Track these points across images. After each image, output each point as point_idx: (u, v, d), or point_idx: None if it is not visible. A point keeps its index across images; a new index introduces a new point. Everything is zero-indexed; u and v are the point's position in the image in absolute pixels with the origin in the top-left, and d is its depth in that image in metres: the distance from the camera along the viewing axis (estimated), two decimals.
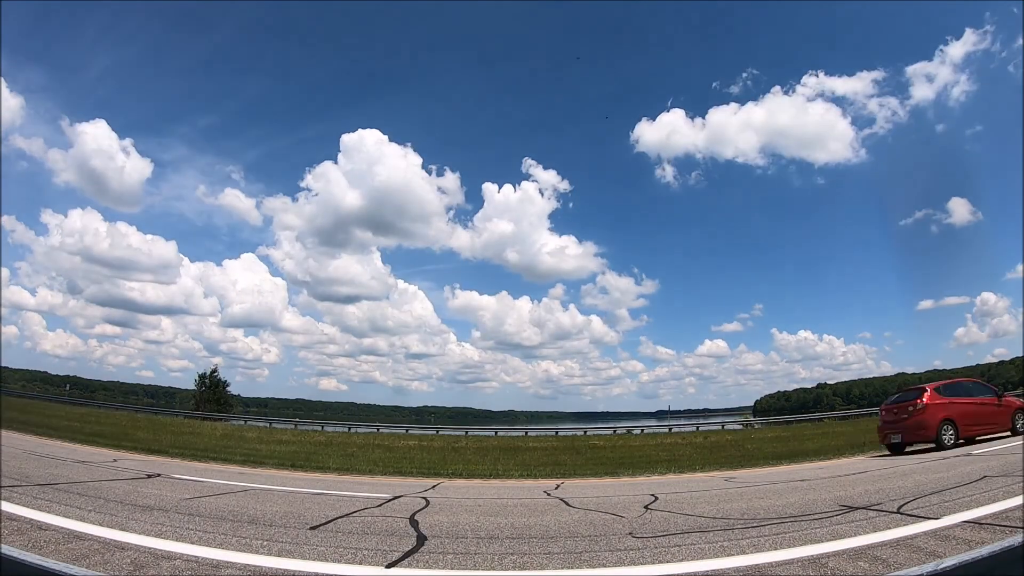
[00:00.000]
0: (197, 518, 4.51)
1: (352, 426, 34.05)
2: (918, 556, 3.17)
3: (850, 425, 22.86)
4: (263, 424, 32.50)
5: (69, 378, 78.53)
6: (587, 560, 3.43)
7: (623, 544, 3.79)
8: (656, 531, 4.23)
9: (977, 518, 4.01)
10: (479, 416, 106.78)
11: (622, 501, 6.06)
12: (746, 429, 28.86)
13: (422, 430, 32.43)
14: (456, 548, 3.75)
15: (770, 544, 3.59)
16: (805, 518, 4.50)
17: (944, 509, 4.46)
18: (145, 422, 21.42)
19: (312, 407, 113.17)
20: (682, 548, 3.62)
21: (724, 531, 4.14)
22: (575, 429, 34.13)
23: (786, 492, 6.31)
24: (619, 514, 5.12)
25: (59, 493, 5.26)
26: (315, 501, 5.85)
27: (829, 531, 3.94)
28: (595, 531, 4.31)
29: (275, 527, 4.27)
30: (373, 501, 5.87)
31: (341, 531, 4.25)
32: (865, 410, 33.06)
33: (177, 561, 3.13)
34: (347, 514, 5.02)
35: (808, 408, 76.36)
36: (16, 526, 3.72)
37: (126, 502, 5.09)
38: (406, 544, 3.80)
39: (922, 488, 5.74)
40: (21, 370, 79.83)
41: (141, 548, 3.36)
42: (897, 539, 3.55)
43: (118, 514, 4.44)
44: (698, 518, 4.80)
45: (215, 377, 42.72)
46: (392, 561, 3.36)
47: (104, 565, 3.00)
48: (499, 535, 4.22)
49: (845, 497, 5.52)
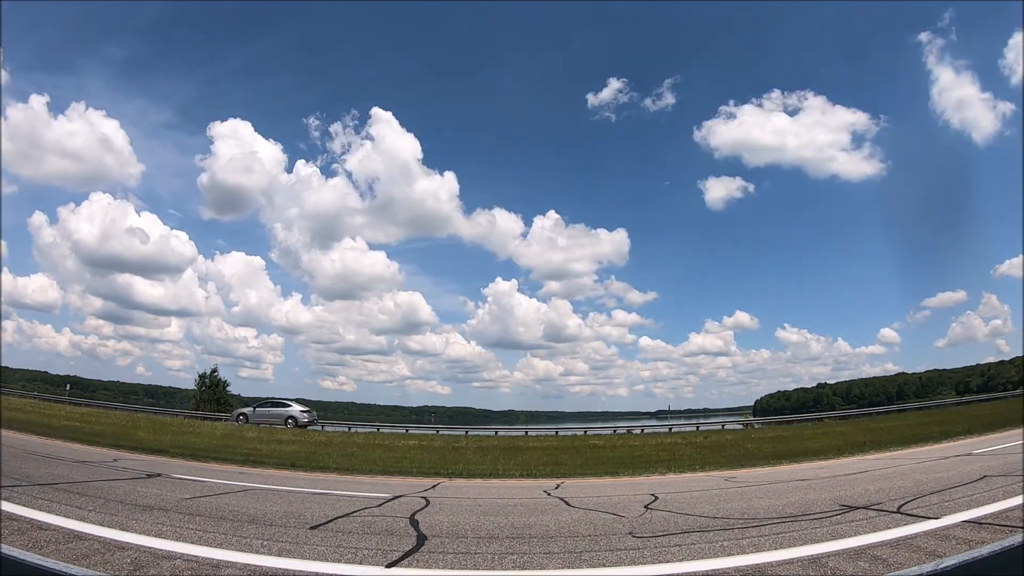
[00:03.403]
0: (197, 518, 4.51)
1: (352, 426, 34.04)
2: (918, 556, 3.17)
3: (850, 425, 22.85)
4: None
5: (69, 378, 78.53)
6: (587, 560, 3.43)
7: (623, 544, 3.80)
8: (656, 531, 4.23)
9: (977, 518, 4.02)
10: (479, 416, 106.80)
11: (622, 501, 6.06)
12: (746, 429, 28.85)
13: (422, 430, 32.44)
14: (456, 548, 3.76)
15: (770, 544, 3.60)
16: (805, 518, 4.51)
17: (944, 509, 4.46)
18: (145, 422, 21.41)
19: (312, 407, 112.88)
20: (682, 548, 3.63)
21: (724, 531, 4.15)
22: (575, 429, 34.12)
23: (786, 492, 6.32)
24: (619, 514, 5.12)
25: (59, 493, 5.26)
26: (315, 501, 5.85)
27: (829, 531, 3.94)
28: (595, 531, 4.31)
29: (275, 527, 4.27)
30: (373, 501, 5.87)
31: (341, 531, 4.25)
32: (865, 410, 33.14)
33: (177, 561, 3.13)
34: (347, 514, 5.02)
35: (808, 408, 76.41)
36: (16, 526, 3.72)
37: (126, 502, 5.09)
38: (406, 544, 3.81)
39: (922, 488, 5.74)
40: (21, 370, 79.73)
41: (141, 548, 3.36)
42: (897, 539, 3.55)
43: (118, 514, 4.44)
44: (698, 518, 4.80)
45: (215, 377, 42.75)
46: (392, 561, 3.36)
47: (104, 565, 3.00)
48: (499, 535, 4.22)
49: (845, 497, 5.52)
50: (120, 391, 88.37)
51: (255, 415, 27.67)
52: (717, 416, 63.64)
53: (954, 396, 50.45)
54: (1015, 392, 32.21)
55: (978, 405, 26.19)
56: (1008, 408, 19.78)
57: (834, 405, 77.41)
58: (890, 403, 58.71)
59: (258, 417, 27.26)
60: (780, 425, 30.13)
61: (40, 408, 23.94)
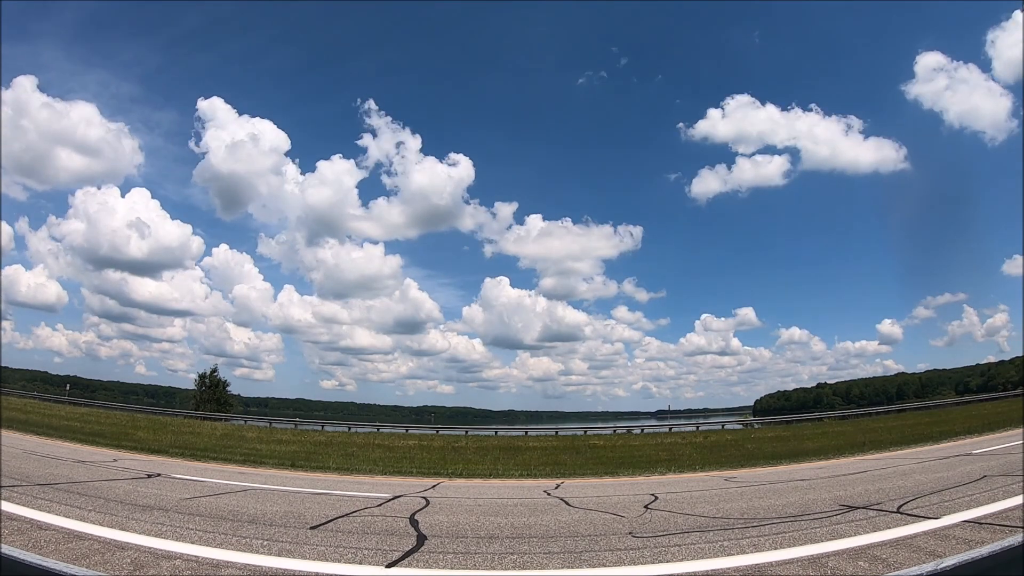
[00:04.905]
0: (197, 518, 4.51)
1: (352, 426, 34.04)
2: (918, 556, 3.17)
3: (850, 425, 22.86)
4: (263, 424, 32.52)
5: (69, 378, 78.51)
6: (587, 560, 3.44)
7: (623, 544, 3.80)
8: (656, 531, 4.23)
9: (977, 518, 4.02)
10: (479, 416, 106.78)
11: (622, 501, 6.06)
12: (746, 429, 28.86)
13: (422, 430, 32.45)
14: (456, 548, 3.76)
15: (770, 544, 3.60)
16: (805, 518, 4.51)
17: (944, 509, 4.46)
18: (145, 422, 21.41)
19: (312, 407, 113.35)
20: (682, 548, 3.63)
21: (724, 531, 4.15)
22: (575, 429, 34.11)
23: (786, 492, 6.32)
24: (619, 514, 5.12)
25: (59, 493, 5.26)
26: (315, 501, 5.85)
27: (829, 531, 3.94)
28: (595, 531, 4.32)
29: (275, 527, 4.27)
30: (373, 501, 5.87)
31: (341, 531, 4.25)
32: (865, 410, 33.12)
33: (177, 561, 3.13)
34: (347, 514, 5.02)
35: (808, 408, 76.34)
36: (16, 526, 3.72)
37: (126, 502, 5.09)
38: (406, 544, 3.81)
39: (922, 488, 5.74)
40: (21, 370, 79.73)
41: (141, 548, 3.36)
42: (897, 539, 3.55)
43: (118, 514, 4.44)
44: (698, 518, 4.80)
45: (215, 377, 42.78)
46: (392, 561, 3.36)
47: (104, 565, 3.00)
48: (499, 535, 4.22)
49: (845, 497, 5.52)
50: (120, 391, 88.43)
51: None
52: (717, 416, 63.71)
53: (954, 396, 50.43)
54: (1015, 392, 32.17)
55: (978, 405, 26.17)
56: (1008, 408, 19.77)
57: (834, 405, 77.33)
58: (890, 403, 58.63)
59: None
60: (780, 425, 30.11)
61: (40, 408, 23.95)
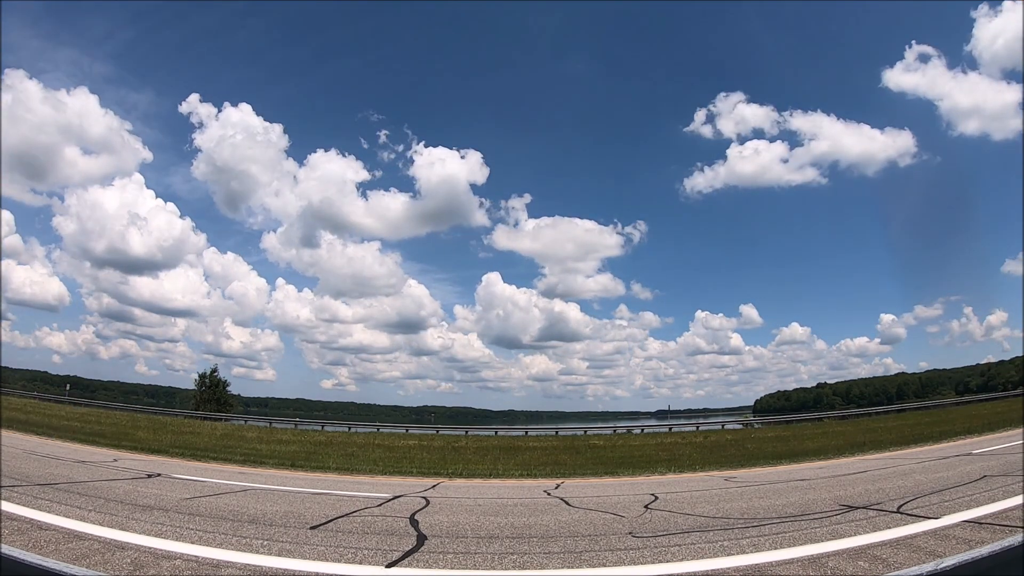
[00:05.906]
0: (197, 518, 4.51)
1: (352, 426, 34.05)
2: (918, 556, 3.17)
3: (850, 425, 22.85)
4: (263, 424, 32.52)
5: (69, 378, 78.49)
6: (587, 560, 3.44)
7: (623, 544, 3.80)
8: (656, 531, 4.23)
9: (977, 518, 4.02)
10: (479, 416, 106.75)
11: (622, 501, 6.06)
12: (746, 429, 28.86)
13: (422, 430, 32.45)
14: (456, 548, 3.76)
15: (770, 544, 3.60)
16: (805, 518, 4.51)
17: (944, 509, 4.46)
18: (145, 422, 21.42)
19: (312, 407, 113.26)
20: (682, 548, 3.63)
21: (724, 531, 4.15)
22: (575, 429, 34.11)
23: (786, 492, 6.32)
24: (619, 514, 5.12)
25: (59, 493, 5.26)
26: (315, 501, 5.85)
27: (829, 531, 3.94)
28: (595, 531, 4.32)
29: (275, 527, 4.27)
30: (373, 501, 5.87)
31: (341, 531, 4.25)
32: (865, 410, 33.11)
33: (177, 561, 3.13)
34: (347, 514, 5.02)
35: (808, 408, 76.37)
36: (16, 526, 3.72)
37: (126, 502, 5.09)
38: (406, 544, 3.81)
39: (922, 488, 5.74)
40: (21, 370, 79.77)
41: (141, 548, 3.36)
42: (897, 539, 3.56)
43: (118, 514, 4.44)
44: (698, 518, 4.80)
45: (215, 377, 42.78)
46: (392, 561, 3.36)
47: (104, 565, 3.00)
48: (499, 535, 4.22)
49: (845, 497, 5.52)
50: (120, 391, 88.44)
51: None
52: (717, 416, 63.64)
53: (954, 396, 50.43)
54: (1015, 392, 32.17)
55: (978, 405, 26.17)
56: (1008, 408, 19.78)
57: (834, 405, 77.35)
58: (890, 403, 58.64)
59: None
60: (780, 425, 30.11)
61: (40, 408, 23.95)
